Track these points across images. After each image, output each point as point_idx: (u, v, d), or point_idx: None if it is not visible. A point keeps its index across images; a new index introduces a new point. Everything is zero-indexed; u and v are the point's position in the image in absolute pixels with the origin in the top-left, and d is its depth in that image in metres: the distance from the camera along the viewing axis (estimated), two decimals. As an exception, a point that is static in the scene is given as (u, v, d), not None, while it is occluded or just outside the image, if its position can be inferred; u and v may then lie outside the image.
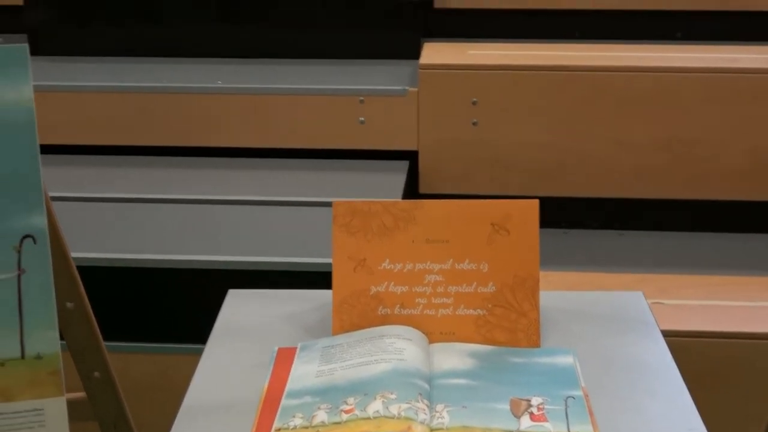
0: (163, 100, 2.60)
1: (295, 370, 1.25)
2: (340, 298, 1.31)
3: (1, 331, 1.10)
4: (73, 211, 2.32)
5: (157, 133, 2.63)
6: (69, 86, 2.61)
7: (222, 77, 2.67)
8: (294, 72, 2.75)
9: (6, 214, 1.09)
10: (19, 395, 1.12)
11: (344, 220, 1.29)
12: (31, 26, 2.86)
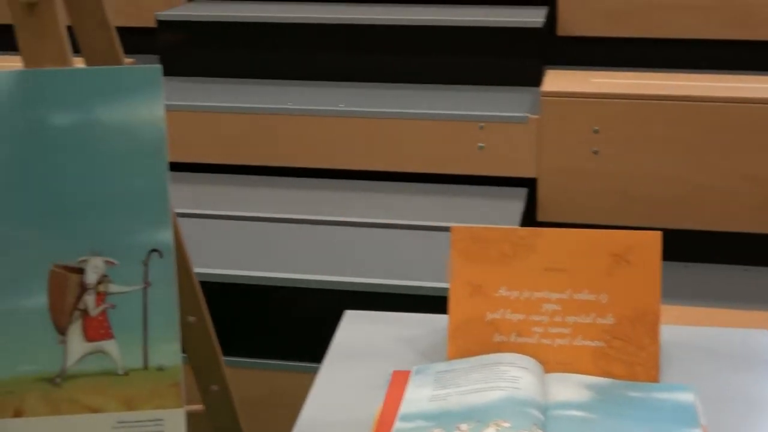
0: (287, 122, 2.64)
1: (409, 393, 1.24)
2: (455, 323, 1.30)
3: (126, 342, 1.13)
4: (197, 227, 2.37)
5: (281, 154, 2.67)
6: (197, 106, 2.68)
7: (345, 100, 2.70)
8: (415, 97, 2.76)
9: (135, 229, 1.12)
10: (141, 405, 1.15)
11: (462, 245, 1.28)
12: (163, 48, 2.94)
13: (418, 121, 2.61)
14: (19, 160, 1.11)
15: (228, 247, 2.28)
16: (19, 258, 1.12)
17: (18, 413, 1.15)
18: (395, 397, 1.24)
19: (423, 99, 2.75)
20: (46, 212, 1.12)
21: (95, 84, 1.10)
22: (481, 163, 2.60)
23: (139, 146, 1.11)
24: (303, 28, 2.90)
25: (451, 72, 2.91)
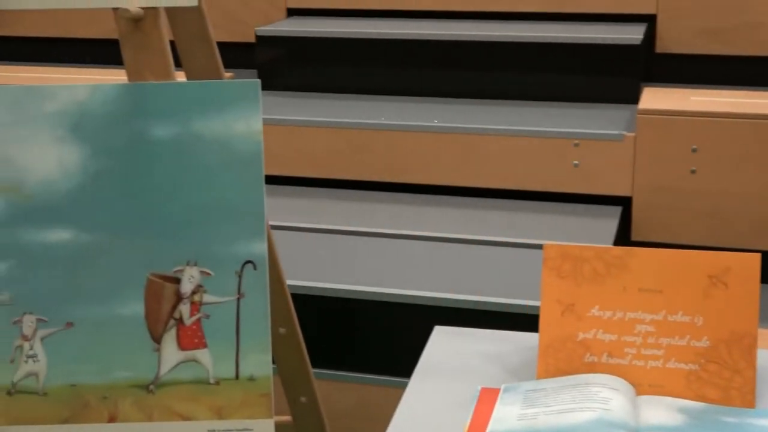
0: (381, 137, 2.65)
1: (497, 411, 1.23)
2: (546, 341, 1.29)
3: (219, 352, 1.15)
4: (291, 240, 2.40)
5: (375, 169, 2.68)
6: (293, 120, 2.71)
7: (438, 116, 2.70)
8: (510, 113, 2.75)
9: (230, 240, 1.14)
10: (232, 414, 1.16)
11: (555, 263, 1.26)
12: (262, 63, 2.99)
13: (513, 138, 2.59)
14: (119, 170, 1.14)
15: (320, 260, 2.29)
16: (117, 266, 1.15)
17: (112, 418, 1.17)
18: (483, 415, 1.23)
19: (518, 115, 2.73)
20: (144, 222, 1.14)
21: (196, 97, 1.13)
22: (576, 181, 2.57)
23: (237, 159, 1.12)
24: (399, 43, 2.91)
25: (547, 88, 2.88)
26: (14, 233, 1.14)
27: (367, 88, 2.96)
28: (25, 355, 1.17)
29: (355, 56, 2.96)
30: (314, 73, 3.00)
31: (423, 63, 2.93)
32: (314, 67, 3.00)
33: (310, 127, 2.69)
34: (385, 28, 2.96)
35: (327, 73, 2.99)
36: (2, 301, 1.15)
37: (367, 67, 2.97)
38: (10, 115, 1.14)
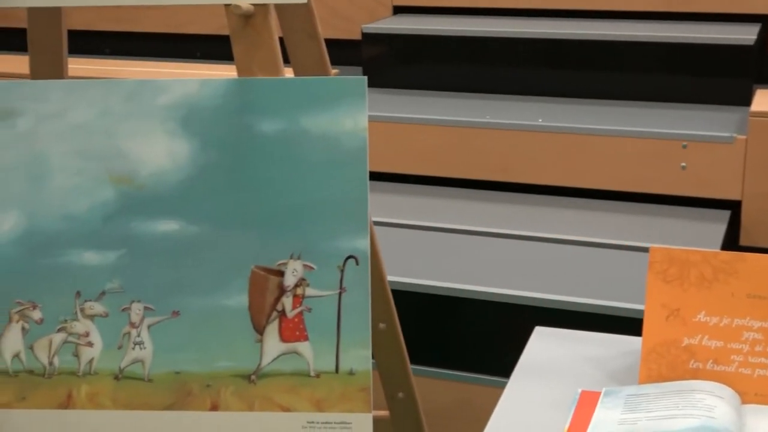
0: (484, 135, 2.64)
1: (597, 415, 1.22)
2: (649, 346, 1.26)
3: (320, 345, 1.16)
4: (392, 236, 2.40)
5: (477, 167, 2.67)
6: (397, 118, 2.71)
7: (543, 115, 2.67)
8: (617, 113, 2.71)
9: (334, 235, 1.14)
10: (331, 407, 1.17)
11: (661, 267, 1.24)
12: (368, 60, 3.00)
13: (620, 138, 2.55)
14: (226, 164, 1.16)
15: (421, 257, 2.30)
16: (222, 258, 1.17)
17: (214, 407, 1.19)
18: (583, 419, 1.22)
19: (625, 115, 2.69)
20: (249, 216, 1.16)
21: (303, 93, 1.14)
22: (684, 184, 2.52)
23: (342, 155, 1.13)
24: (504, 42, 2.89)
25: (656, 88, 2.83)
26: (125, 223, 1.17)
27: (471, 86, 2.95)
28: (132, 341, 1.20)
29: (460, 54, 2.96)
30: (419, 71, 3.00)
31: (528, 61, 2.91)
32: (419, 64, 3.01)
33: (414, 125, 2.70)
34: (490, 26, 2.94)
35: (432, 70, 2.99)
36: (112, 288, 1.18)
37: (472, 65, 2.96)
38: (124, 108, 1.17)
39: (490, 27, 2.93)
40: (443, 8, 3.17)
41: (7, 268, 1.19)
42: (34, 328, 1.20)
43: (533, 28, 2.92)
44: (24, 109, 1.18)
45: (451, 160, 2.68)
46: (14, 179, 1.18)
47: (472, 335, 2.15)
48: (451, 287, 2.12)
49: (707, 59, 2.79)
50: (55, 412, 1.21)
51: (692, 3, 2.95)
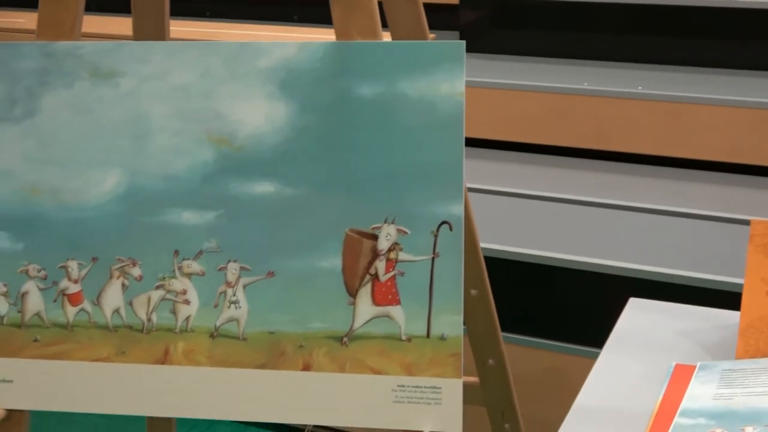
0: (582, 102, 2.60)
1: (691, 389, 1.20)
2: (747, 321, 1.23)
3: (411, 309, 1.16)
4: (487, 203, 2.39)
5: (575, 135, 2.63)
6: (493, 83, 2.69)
7: (642, 83, 2.62)
8: (718, 82, 2.64)
9: (428, 200, 1.14)
10: (421, 372, 1.18)
11: (762, 240, 1.21)
12: (465, 25, 2.98)
13: (721, 108, 2.49)
14: (324, 127, 1.16)
15: (515, 224, 2.28)
16: (317, 221, 1.18)
17: (306, 367, 1.21)
18: (676, 391, 1.20)
19: (727, 84, 2.62)
20: (344, 179, 1.16)
21: (401, 57, 1.13)
22: (788, 156, 2.46)
23: (438, 120, 1.13)
24: (603, 7, 2.84)
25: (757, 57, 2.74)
26: (223, 184, 1.19)
27: (569, 53, 2.90)
28: (228, 300, 1.21)
29: (558, 20, 2.91)
30: (516, 37, 2.97)
31: (628, 28, 2.85)
32: (517, 30, 2.97)
33: (511, 91, 2.67)
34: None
35: (530, 36, 2.96)
36: (209, 248, 1.20)
37: (571, 31, 2.91)
38: (225, 71, 1.18)
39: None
40: (543, -27, 3.13)
41: (109, 225, 1.22)
42: (133, 284, 1.23)
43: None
44: (127, 70, 1.20)
45: (547, 128, 2.66)
46: (117, 138, 1.20)
47: (564, 305, 2.13)
48: (544, 256, 2.10)
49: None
50: (153, 367, 1.24)
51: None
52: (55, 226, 1.23)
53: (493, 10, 2.99)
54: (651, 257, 2.05)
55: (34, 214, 1.23)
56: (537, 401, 2.11)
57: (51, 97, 1.21)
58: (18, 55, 1.21)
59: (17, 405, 1.27)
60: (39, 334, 1.25)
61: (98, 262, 1.23)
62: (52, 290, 1.24)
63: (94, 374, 1.25)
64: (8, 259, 1.24)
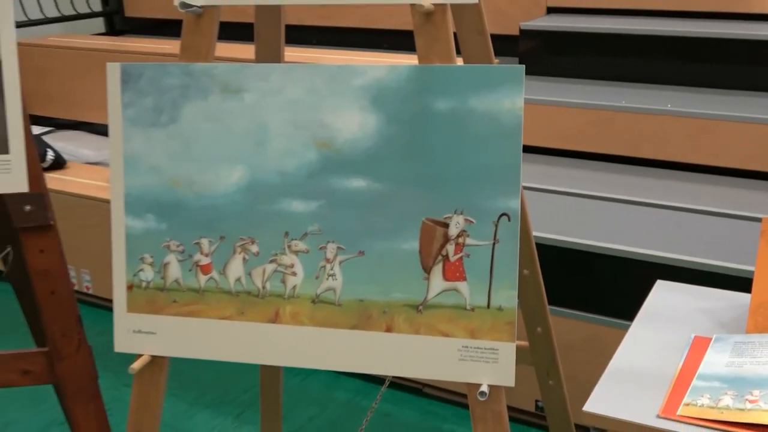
0: (621, 117, 2.56)
1: (707, 357, 1.17)
2: (757, 302, 1.20)
3: (475, 285, 1.16)
4: (539, 199, 2.37)
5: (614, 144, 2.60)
6: (548, 101, 2.66)
7: (672, 101, 2.56)
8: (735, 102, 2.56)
9: (491, 196, 1.13)
10: (482, 336, 1.17)
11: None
12: (524, 52, 2.95)
13: (738, 123, 2.42)
14: (407, 134, 1.16)
15: (561, 217, 2.26)
16: (399, 211, 1.18)
17: (389, 329, 1.21)
18: (695, 359, 1.18)
19: (743, 104, 2.54)
20: (422, 177, 1.16)
21: (471, 78, 1.13)
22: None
23: (501, 130, 1.12)
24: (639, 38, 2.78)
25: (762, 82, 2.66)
26: (325, 180, 1.20)
27: (611, 76, 2.86)
28: (327, 273, 1.22)
29: (602, 48, 2.86)
30: (567, 62, 2.93)
31: (659, 55, 2.78)
32: (568, 56, 2.93)
33: (561, 107, 2.64)
34: (627, 25, 2.83)
35: (578, 62, 2.91)
36: (313, 231, 1.21)
37: (613, 58, 2.86)
38: (327, 88, 1.19)
39: (627, 25, 2.82)
40: (588, 9, 3.07)
41: (234, 210, 1.24)
42: (252, 259, 1.24)
43: (664, 26, 2.79)
44: (250, 87, 1.21)
45: (591, 138, 2.62)
46: (241, 141, 1.22)
47: (602, 284, 2.11)
48: (585, 243, 2.08)
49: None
50: (266, 325, 1.25)
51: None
52: (191, 210, 1.25)
53: (546, 40, 2.95)
54: (676, 246, 2.01)
55: (175, 201, 1.25)
56: (576, 363, 2.09)
57: (190, 108, 1.23)
58: (165, 73, 1.24)
59: (159, 352, 1.30)
60: (177, 296, 1.28)
61: (224, 240, 1.25)
62: (187, 262, 1.27)
63: (220, 329, 1.27)
64: (154, 236, 1.27)
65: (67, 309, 1.55)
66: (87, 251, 2.92)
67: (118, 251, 1.28)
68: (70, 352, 1.56)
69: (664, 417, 1.07)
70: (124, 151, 1.26)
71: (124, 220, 1.27)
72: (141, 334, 1.30)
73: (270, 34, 1.57)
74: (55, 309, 1.54)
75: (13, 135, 1.45)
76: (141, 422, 1.33)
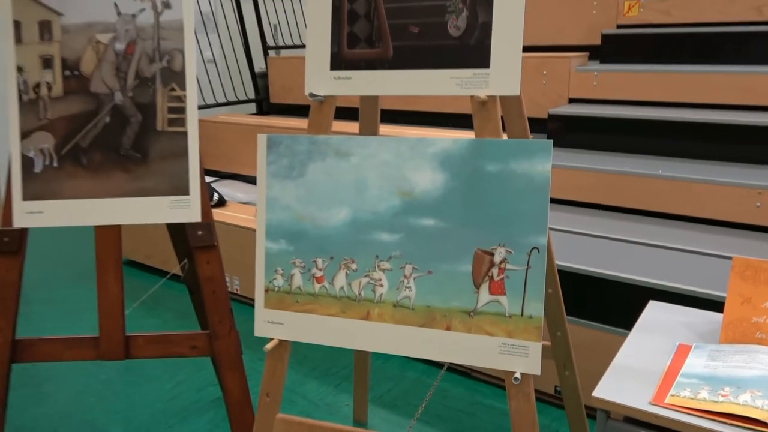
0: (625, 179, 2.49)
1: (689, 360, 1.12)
2: (728, 320, 1.14)
3: (512, 298, 1.13)
4: (562, 237, 2.32)
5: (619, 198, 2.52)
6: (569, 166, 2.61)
7: (663, 168, 2.48)
8: (713, 169, 2.46)
9: (525, 234, 1.12)
10: (516, 336, 1.14)
11: (740, 270, 1.12)
12: (552, 130, 2.91)
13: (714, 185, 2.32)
14: (465, 188, 1.16)
15: (578, 251, 2.20)
16: (458, 242, 1.17)
17: (448, 328, 1.20)
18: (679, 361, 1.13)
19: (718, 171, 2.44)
20: (476, 218, 1.15)
21: (512, 149, 1.12)
22: (758, 216, 2.25)
23: (533, 186, 1.10)
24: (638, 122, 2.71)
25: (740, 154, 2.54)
26: (405, 219, 1.20)
27: (617, 148, 2.79)
28: (404, 286, 1.22)
29: (609, 128, 2.80)
30: (583, 138, 2.87)
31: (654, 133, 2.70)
32: (583, 134, 2.88)
33: (578, 170, 2.59)
34: (630, 112, 2.76)
35: (591, 138, 2.85)
36: (395, 255, 1.21)
37: (617, 135, 2.79)
38: (409, 153, 1.19)
39: (628, 112, 2.75)
40: (598, 99, 3.02)
41: (341, 238, 1.25)
42: (351, 273, 1.25)
43: (656, 113, 2.71)
44: (355, 152, 1.23)
45: (601, 194, 2.55)
46: (347, 190, 1.24)
47: (607, 301, 2.03)
48: (596, 270, 2.01)
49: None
50: (360, 322, 1.26)
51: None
52: (311, 238, 1.27)
53: (567, 122, 2.91)
54: (665, 275, 1.93)
55: (300, 231, 1.27)
56: (587, 359, 2.01)
57: (313, 166, 1.26)
58: (297, 142, 1.27)
59: (285, 337, 1.32)
60: (298, 298, 1.29)
61: (333, 260, 1.26)
62: (307, 274, 1.28)
63: (327, 323, 1.28)
64: (284, 255, 1.29)
65: (223, 304, 1.58)
66: (238, 263, 2.99)
67: (259, 264, 1.31)
68: (223, 334, 1.59)
69: (654, 404, 1.02)
70: (266, 195, 1.29)
71: (265, 243, 1.29)
72: (273, 324, 1.31)
73: (369, 115, 1.60)
74: (215, 303, 1.58)
75: (192, 182, 1.50)
76: (270, 386, 1.34)
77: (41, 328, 2.78)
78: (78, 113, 1.46)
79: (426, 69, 1.19)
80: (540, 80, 3.07)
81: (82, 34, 1.45)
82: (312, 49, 1.26)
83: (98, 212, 1.48)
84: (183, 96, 1.46)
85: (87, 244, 4.02)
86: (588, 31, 3.27)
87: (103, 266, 1.52)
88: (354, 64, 1.25)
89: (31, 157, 1.46)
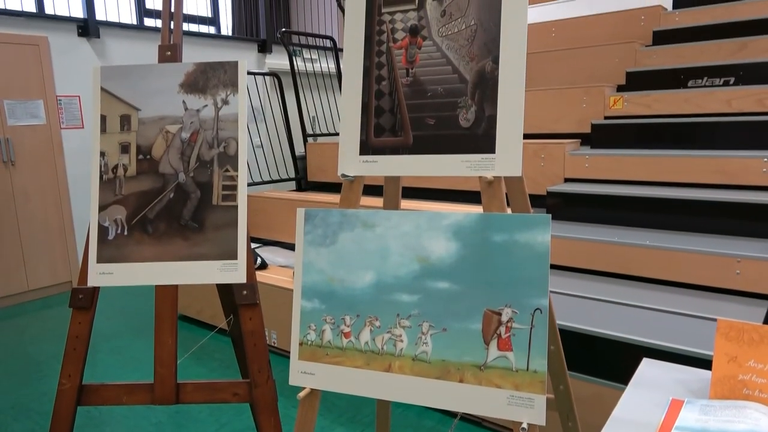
0: (615, 248, 2.45)
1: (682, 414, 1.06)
2: (717, 377, 1.09)
3: (519, 354, 1.10)
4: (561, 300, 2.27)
5: (610, 264, 2.48)
6: (565, 236, 2.59)
7: (650, 239, 2.44)
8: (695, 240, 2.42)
9: (528, 296, 1.10)
10: (523, 389, 1.11)
11: (725, 331, 1.08)
12: (550, 205, 2.91)
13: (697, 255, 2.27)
14: (475, 256, 1.15)
15: (577, 312, 2.14)
16: (469, 303, 1.15)
17: (461, 380, 1.16)
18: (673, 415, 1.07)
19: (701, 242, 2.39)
20: (485, 282, 1.14)
21: (516, 222, 1.12)
22: (738, 282, 2.19)
23: (535, 254, 1.09)
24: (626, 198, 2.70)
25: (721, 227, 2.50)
26: (423, 282, 1.19)
27: (608, 221, 2.77)
28: (422, 342, 1.20)
29: (600, 204, 2.79)
30: (577, 212, 2.86)
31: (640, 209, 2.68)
32: (578, 208, 2.87)
33: (574, 240, 2.56)
34: (618, 190, 2.76)
35: (585, 212, 2.84)
36: (414, 314, 1.20)
37: (608, 210, 2.77)
38: (426, 225, 1.20)
39: (616, 190, 2.75)
40: (590, 179, 3.02)
41: (366, 298, 1.24)
42: (375, 329, 1.23)
43: (640, 191, 2.70)
44: (378, 224, 1.24)
45: (595, 261, 2.51)
46: (372, 257, 1.24)
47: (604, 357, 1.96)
48: (593, 329, 1.96)
49: (754, 213, 2.44)
50: (382, 373, 1.23)
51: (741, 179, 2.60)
52: (340, 298, 1.26)
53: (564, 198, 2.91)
54: (656, 335, 1.87)
55: (331, 291, 1.27)
56: (588, 411, 1.93)
57: (343, 236, 1.27)
58: (330, 215, 1.28)
59: (316, 386, 1.29)
60: (328, 351, 1.28)
61: (359, 317, 1.24)
62: (336, 330, 1.27)
63: (353, 374, 1.25)
64: (317, 312, 1.28)
65: (262, 355, 1.56)
66: (276, 319, 2.97)
67: (295, 321, 1.30)
68: (262, 383, 1.56)
69: (651, 455, 0.97)
70: (303, 260, 1.30)
71: (300, 301, 1.29)
72: (305, 375, 1.29)
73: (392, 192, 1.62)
74: (255, 355, 1.56)
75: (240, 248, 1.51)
76: (302, 431, 1.30)
77: (104, 375, 2.76)
78: (147, 190, 1.51)
79: (441, 154, 1.21)
80: (539, 162, 3.09)
81: (155, 125, 1.51)
82: (344, 137, 1.29)
83: (159, 274, 1.49)
84: (235, 176, 1.50)
85: (145, 300, 4.04)
86: (579, 122, 3.32)
87: (161, 320, 1.52)
88: (380, 150, 1.28)
89: (106, 226, 1.50)
